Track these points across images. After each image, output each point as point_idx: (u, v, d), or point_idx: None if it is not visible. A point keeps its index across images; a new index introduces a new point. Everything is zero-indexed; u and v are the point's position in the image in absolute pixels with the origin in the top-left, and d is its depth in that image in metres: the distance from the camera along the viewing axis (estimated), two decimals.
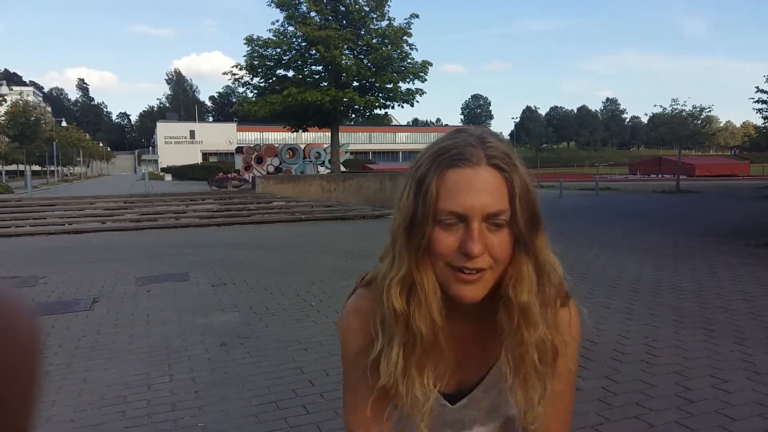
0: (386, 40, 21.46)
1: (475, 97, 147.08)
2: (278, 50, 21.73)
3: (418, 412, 0.98)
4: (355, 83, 22.18)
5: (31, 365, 0.44)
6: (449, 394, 1.05)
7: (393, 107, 23.48)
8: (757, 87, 25.33)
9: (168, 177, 55.96)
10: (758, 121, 30.02)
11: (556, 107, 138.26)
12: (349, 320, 1.06)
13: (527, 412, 0.99)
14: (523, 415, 1.00)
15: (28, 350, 0.44)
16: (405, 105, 23.18)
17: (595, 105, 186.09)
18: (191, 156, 73.88)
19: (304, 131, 25.09)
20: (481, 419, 1.09)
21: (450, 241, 0.88)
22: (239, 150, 33.79)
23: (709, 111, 30.48)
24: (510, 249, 0.91)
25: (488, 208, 0.87)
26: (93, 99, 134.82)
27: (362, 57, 21.95)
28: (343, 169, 26.03)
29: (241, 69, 22.52)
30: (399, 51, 21.72)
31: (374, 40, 21.49)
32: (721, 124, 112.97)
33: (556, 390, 1.02)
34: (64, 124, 68.92)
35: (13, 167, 59.81)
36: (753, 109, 26.78)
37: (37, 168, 56.57)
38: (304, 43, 21.58)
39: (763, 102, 25.66)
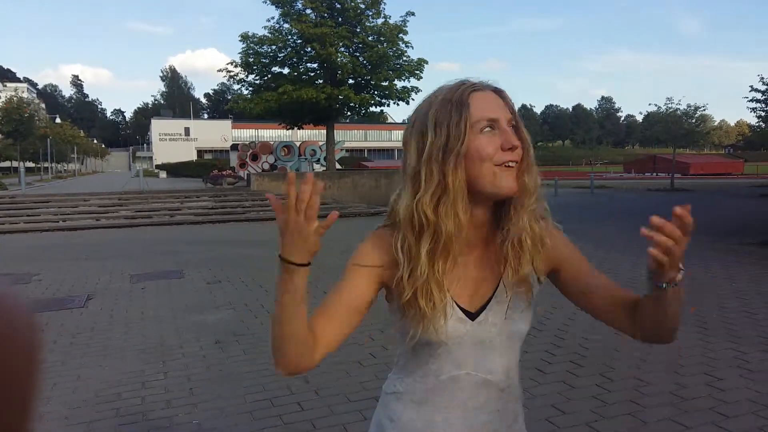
0: (382, 38, 21.44)
1: None
2: (273, 47, 21.69)
3: (439, 317, 1.12)
4: (351, 81, 22.17)
5: (29, 365, 0.44)
6: (469, 312, 1.17)
7: (388, 105, 23.50)
8: (751, 86, 25.50)
9: (163, 174, 55.85)
10: (752, 120, 30.20)
11: (551, 106, 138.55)
12: (369, 240, 1.21)
13: (514, 274, 1.16)
14: (514, 272, 1.17)
15: (27, 349, 0.44)
16: (400, 103, 23.19)
17: (591, 103, 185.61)
18: (186, 153, 73.66)
19: (299, 129, 25.12)
20: (499, 345, 1.18)
21: (494, 143, 1.10)
22: (234, 147, 33.75)
23: (704, 110, 30.59)
24: None
25: (507, 114, 1.13)
26: (87, 96, 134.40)
27: (358, 55, 21.93)
28: (338, 166, 26.02)
29: (236, 66, 22.48)
30: (395, 49, 21.71)
31: (370, 38, 21.48)
32: (716, 123, 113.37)
33: (580, 257, 1.26)
34: (58, 120, 68.58)
35: (7, 164, 59.58)
36: (747, 108, 26.94)
37: (31, 165, 56.32)
38: (299, 41, 21.54)
39: (758, 101, 25.81)
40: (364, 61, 21.64)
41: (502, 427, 1.23)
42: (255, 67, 22.26)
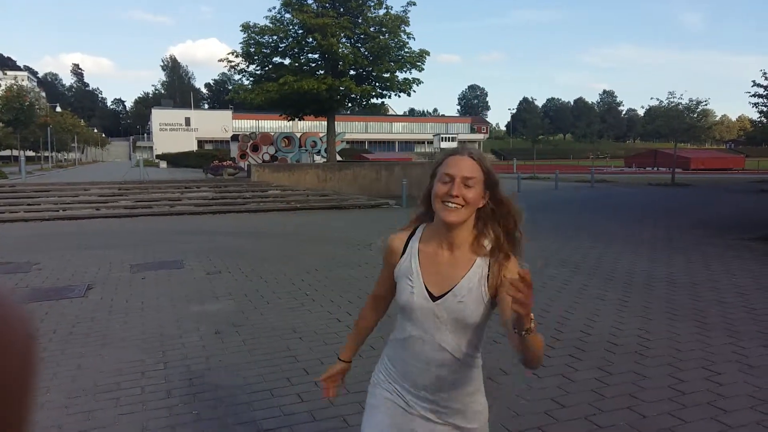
0: (383, 29, 21.34)
1: (472, 88, 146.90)
2: (275, 37, 21.59)
3: (411, 293, 1.69)
4: (352, 72, 22.08)
5: (24, 362, 0.43)
6: (434, 294, 1.66)
7: (390, 97, 23.41)
8: (753, 81, 25.39)
9: (163, 164, 55.76)
10: (754, 115, 30.13)
11: (552, 99, 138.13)
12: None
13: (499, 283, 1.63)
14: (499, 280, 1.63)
15: (21, 347, 0.43)
16: (402, 94, 23.11)
17: (592, 97, 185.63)
18: (186, 143, 73.62)
19: (300, 120, 25.04)
20: (451, 326, 1.64)
21: (444, 188, 1.63)
22: (235, 138, 33.69)
23: (706, 104, 30.52)
24: (478, 199, 1.64)
25: (464, 173, 1.63)
26: (88, 85, 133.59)
27: (359, 45, 21.84)
28: (338, 158, 25.99)
29: (237, 56, 22.38)
30: (396, 40, 21.62)
31: (371, 29, 21.37)
32: (717, 118, 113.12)
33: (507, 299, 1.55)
34: (58, 109, 68.34)
35: (7, 152, 59.47)
36: (749, 103, 26.81)
37: (31, 153, 56.20)
38: (300, 31, 21.44)
39: (760, 96, 25.72)
40: (366, 52, 21.55)
41: (457, 386, 1.68)
42: (256, 58, 22.17)
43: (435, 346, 1.64)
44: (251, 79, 23.30)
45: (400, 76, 22.40)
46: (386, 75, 21.98)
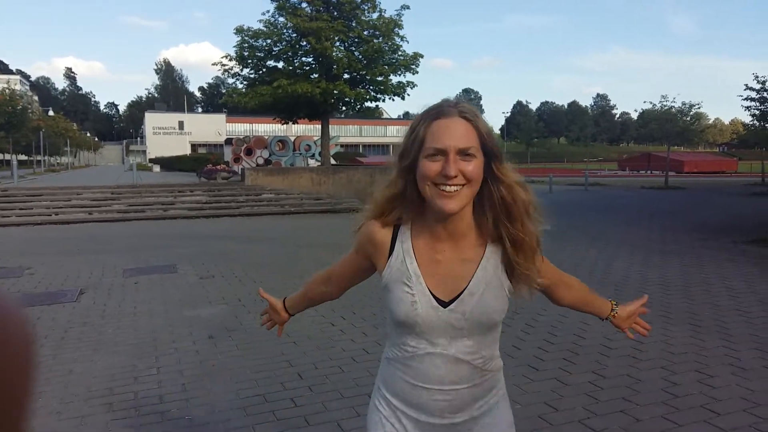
0: (377, 32, 21.37)
1: (467, 92, 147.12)
2: (268, 41, 21.58)
3: (413, 303, 1.37)
4: (346, 75, 22.08)
5: (23, 367, 0.43)
6: (443, 300, 1.37)
7: (384, 100, 23.41)
8: (746, 85, 25.65)
9: (156, 168, 55.51)
10: (747, 118, 30.31)
11: (546, 102, 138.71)
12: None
13: (531, 270, 1.39)
14: (529, 273, 1.40)
15: (22, 357, 0.43)
16: (396, 98, 23.12)
17: (586, 101, 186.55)
18: (180, 147, 73.37)
19: (294, 123, 25.01)
20: (468, 329, 1.37)
21: (434, 167, 1.28)
22: (228, 141, 33.67)
23: (698, 108, 30.74)
24: (480, 173, 1.30)
25: (459, 144, 1.27)
26: (81, 88, 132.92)
27: (353, 49, 21.85)
28: (333, 161, 25.98)
29: (230, 60, 22.36)
30: (390, 43, 21.65)
31: (365, 32, 21.39)
32: (710, 121, 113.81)
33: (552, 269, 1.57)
34: (51, 113, 68.07)
35: None
36: (742, 106, 27.00)
37: (23, 157, 55.92)
38: (294, 35, 21.44)
39: (752, 100, 25.94)
40: (360, 56, 21.55)
41: (478, 398, 1.43)
42: (250, 61, 22.15)
43: (448, 359, 1.36)
44: (245, 82, 23.27)
45: (394, 79, 22.41)
46: (380, 78, 21.97)
